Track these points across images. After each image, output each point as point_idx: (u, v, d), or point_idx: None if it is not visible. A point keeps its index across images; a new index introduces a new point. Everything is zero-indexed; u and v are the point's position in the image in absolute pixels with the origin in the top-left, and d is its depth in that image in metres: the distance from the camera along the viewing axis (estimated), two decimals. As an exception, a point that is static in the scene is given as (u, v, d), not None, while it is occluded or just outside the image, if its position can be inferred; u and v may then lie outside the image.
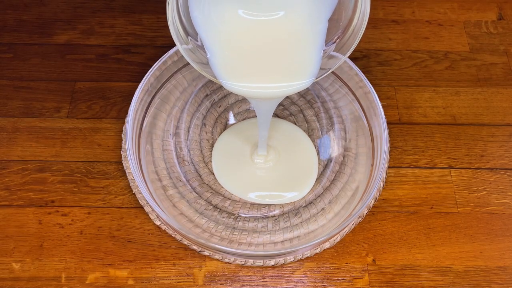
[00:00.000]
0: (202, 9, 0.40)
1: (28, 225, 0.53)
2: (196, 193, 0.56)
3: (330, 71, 0.43)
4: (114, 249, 0.52)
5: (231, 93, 0.58)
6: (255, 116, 0.60)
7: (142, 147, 0.55)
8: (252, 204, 0.56)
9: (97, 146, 0.58)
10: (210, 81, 0.56)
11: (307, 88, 0.47)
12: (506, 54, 0.67)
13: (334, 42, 0.43)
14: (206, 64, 0.43)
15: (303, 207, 0.55)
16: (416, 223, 0.54)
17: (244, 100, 0.61)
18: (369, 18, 0.70)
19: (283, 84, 0.42)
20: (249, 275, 0.51)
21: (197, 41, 0.42)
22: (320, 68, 0.43)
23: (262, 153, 0.57)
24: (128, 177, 0.55)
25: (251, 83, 0.42)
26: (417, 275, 0.51)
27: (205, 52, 0.42)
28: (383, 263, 0.52)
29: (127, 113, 0.55)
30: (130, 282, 0.50)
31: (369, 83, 0.55)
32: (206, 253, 0.51)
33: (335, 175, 0.57)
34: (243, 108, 0.61)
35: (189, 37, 0.41)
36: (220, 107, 0.60)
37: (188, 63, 0.44)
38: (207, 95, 0.61)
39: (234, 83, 0.42)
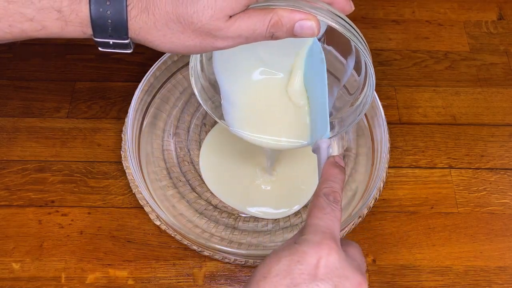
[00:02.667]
0: (227, 62, 0.44)
1: (28, 225, 0.53)
2: (196, 193, 0.56)
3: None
4: (114, 249, 0.52)
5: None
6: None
7: (142, 147, 0.55)
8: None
9: (97, 146, 0.58)
10: None
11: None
12: (506, 54, 0.67)
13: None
14: (217, 105, 0.47)
15: (303, 207, 0.55)
16: (416, 223, 0.54)
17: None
18: (369, 18, 0.70)
19: (287, 139, 0.47)
20: (249, 275, 0.51)
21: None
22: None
23: (270, 178, 0.57)
24: (128, 177, 0.55)
25: (258, 133, 0.47)
26: (417, 275, 0.51)
27: (219, 96, 0.47)
28: (383, 263, 0.52)
29: (127, 113, 0.55)
30: (130, 282, 0.50)
31: (369, 83, 0.55)
32: (206, 253, 0.51)
33: (335, 175, 0.57)
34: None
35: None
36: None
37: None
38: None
39: (241, 131, 0.47)
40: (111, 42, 0.37)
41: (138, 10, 0.35)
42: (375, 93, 0.54)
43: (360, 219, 0.53)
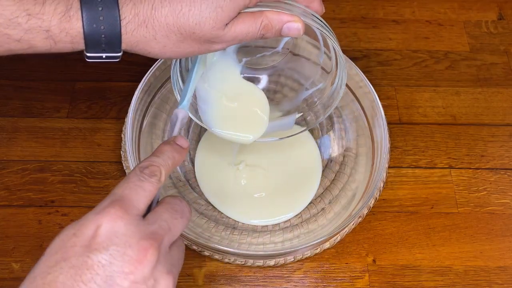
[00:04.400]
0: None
1: (28, 225, 0.53)
2: (196, 193, 0.56)
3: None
4: (114, 249, 0.52)
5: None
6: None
7: (142, 147, 0.55)
8: (252, 204, 0.56)
9: (97, 146, 0.58)
10: None
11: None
12: (506, 54, 0.67)
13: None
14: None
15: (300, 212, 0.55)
16: (416, 223, 0.54)
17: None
18: (369, 18, 0.70)
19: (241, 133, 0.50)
20: (249, 275, 0.51)
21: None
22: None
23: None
24: (128, 177, 0.55)
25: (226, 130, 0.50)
26: (417, 275, 0.51)
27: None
28: (383, 263, 0.52)
29: (127, 113, 0.55)
30: (130, 282, 0.50)
31: (369, 83, 0.55)
32: (206, 253, 0.51)
33: (335, 175, 0.57)
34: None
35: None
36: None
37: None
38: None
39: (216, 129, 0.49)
40: (104, 56, 0.37)
41: (135, 25, 0.35)
42: (375, 93, 0.54)
43: (360, 219, 0.53)
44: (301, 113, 0.52)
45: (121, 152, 0.57)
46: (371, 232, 0.54)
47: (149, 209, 0.34)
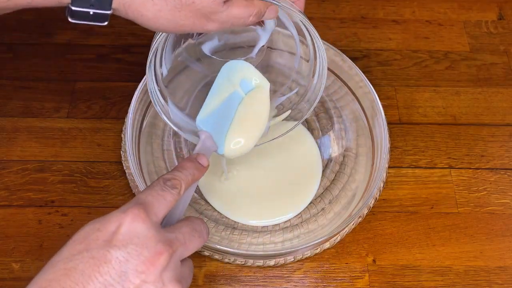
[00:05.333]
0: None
1: (28, 225, 0.53)
2: (196, 193, 0.56)
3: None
4: (114, 249, 0.52)
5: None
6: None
7: (142, 147, 0.55)
8: (252, 204, 0.56)
9: (97, 146, 0.58)
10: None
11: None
12: (506, 54, 0.67)
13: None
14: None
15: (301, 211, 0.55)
16: (416, 223, 0.54)
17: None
18: (369, 18, 0.70)
19: None
20: (249, 275, 0.51)
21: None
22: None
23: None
24: (128, 177, 0.55)
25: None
26: (417, 275, 0.51)
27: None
28: (383, 263, 0.52)
29: (127, 113, 0.55)
30: (130, 282, 0.50)
31: (369, 83, 0.55)
32: (206, 253, 0.51)
33: (335, 175, 0.57)
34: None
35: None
36: None
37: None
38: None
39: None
40: (91, 13, 0.35)
41: None
42: (375, 93, 0.54)
43: (360, 219, 0.53)
44: (289, 110, 0.53)
45: (121, 152, 0.57)
46: (371, 232, 0.54)
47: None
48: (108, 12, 0.35)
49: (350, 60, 0.56)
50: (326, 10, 0.70)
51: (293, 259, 0.51)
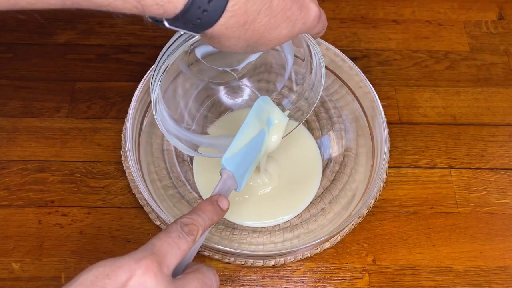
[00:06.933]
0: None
1: (28, 225, 0.53)
2: (196, 193, 0.56)
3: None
4: (114, 249, 0.52)
5: (232, 93, 0.58)
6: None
7: (142, 147, 0.55)
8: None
9: (97, 146, 0.58)
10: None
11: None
12: (506, 54, 0.67)
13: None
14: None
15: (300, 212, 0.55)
16: (416, 223, 0.54)
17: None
18: (369, 18, 0.70)
19: None
20: (249, 275, 0.51)
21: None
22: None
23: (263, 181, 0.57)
24: (128, 177, 0.55)
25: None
26: (417, 275, 0.51)
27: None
28: (383, 263, 0.52)
29: (127, 113, 0.55)
30: (130, 282, 0.50)
31: (369, 83, 0.55)
32: (206, 253, 0.51)
33: (335, 175, 0.57)
34: (243, 108, 0.61)
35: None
36: (221, 107, 0.60)
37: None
38: (208, 95, 0.61)
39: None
40: (182, 32, 0.35)
41: (234, 21, 0.33)
42: (375, 93, 0.54)
43: (360, 219, 0.53)
44: (288, 111, 0.53)
45: (121, 152, 0.57)
46: (371, 232, 0.54)
47: None
48: (197, 35, 0.34)
49: (350, 60, 0.56)
50: (326, 10, 0.69)
51: (293, 259, 0.51)
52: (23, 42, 0.65)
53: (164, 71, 0.41)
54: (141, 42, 0.66)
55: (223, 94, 0.58)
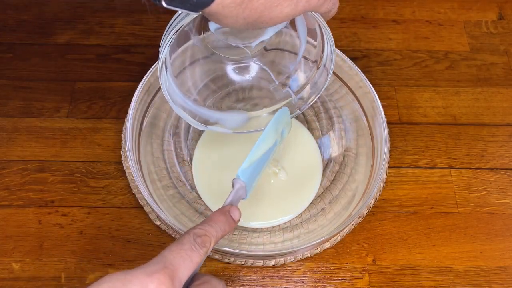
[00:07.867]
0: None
1: (28, 225, 0.53)
2: (196, 193, 0.56)
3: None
4: (114, 249, 0.52)
5: (232, 93, 0.58)
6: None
7: (142, 147, 0.55)
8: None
9: (97, 146, 0.58)
10: (212, 80, 0.57)
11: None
12: (506, 54, 0.67)
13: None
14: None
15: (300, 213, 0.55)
16: (416, 223, 0.54)
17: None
18: (369, 18, 0.70)
19: None
20: (249, 275, 0.51)
21: None
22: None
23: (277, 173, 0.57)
24: (128, 177, 0.55)
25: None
26: (417, 275, 0.51)
27: None
28: (383, 263, 0.52)
29: (127, 113, 0.55)
30: (130, 282, 0.50)
31: (369, 83, 0.55)
32: (206, 253, 0.51)
33: (335, 175, 0.57)
34: (243, 108, 0.61)
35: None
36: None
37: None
38: (208, 95, 0.61)
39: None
40: (180, 11, 0.36)
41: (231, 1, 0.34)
42: (375, 93, 0.54)
43: (360, 219, 0.53)
44: (290, 99, 0.53)
45: (121, 152, 0.57)
46: (371, 232, 0.54)
47: None
48: (196, 14, 0.35)
49: (350, 60, 0.56)
50: (326, 10, 0.70)
51: (293, 259, 0.51)
52: (23, 42, 0.65)
53: (177, 31, 0.40)
54: (141, 42, 0.66)
55: (231, 69, 0.57)
